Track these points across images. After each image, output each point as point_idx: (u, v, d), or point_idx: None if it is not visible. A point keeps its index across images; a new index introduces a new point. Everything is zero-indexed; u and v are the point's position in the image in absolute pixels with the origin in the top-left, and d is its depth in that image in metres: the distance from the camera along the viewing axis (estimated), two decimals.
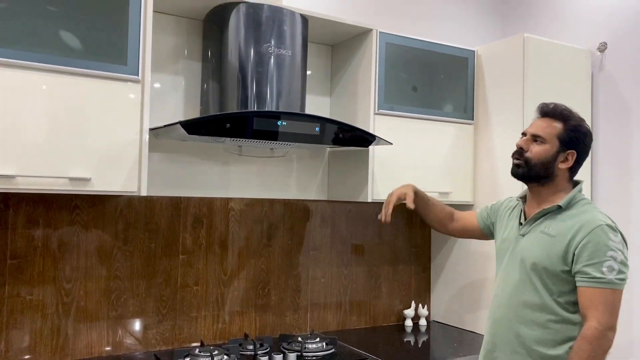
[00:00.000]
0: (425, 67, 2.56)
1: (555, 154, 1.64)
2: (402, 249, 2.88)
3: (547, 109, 1.68)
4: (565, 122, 1.64)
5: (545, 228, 1.63)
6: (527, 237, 1.67)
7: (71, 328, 2.08)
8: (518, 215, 1.76)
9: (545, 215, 1.66)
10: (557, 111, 1.66)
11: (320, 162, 2.64)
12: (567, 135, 1.63)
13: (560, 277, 1.57)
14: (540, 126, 1.66)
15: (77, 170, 1.77)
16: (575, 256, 1.53)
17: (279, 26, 2.12)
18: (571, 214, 1.61)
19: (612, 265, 1.49)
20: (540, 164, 1.64)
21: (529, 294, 1.63)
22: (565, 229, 1.58)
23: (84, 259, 2.11)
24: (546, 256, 1.59)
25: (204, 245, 2.34)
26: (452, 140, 2.61)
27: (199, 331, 2.32)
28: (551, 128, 1.64)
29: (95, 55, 1.80)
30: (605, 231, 1.53)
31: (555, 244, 1.58)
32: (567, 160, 1.65)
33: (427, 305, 2.89)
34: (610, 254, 1.50)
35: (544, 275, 1.59)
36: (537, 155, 1.64)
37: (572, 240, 1.55)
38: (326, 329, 2.63)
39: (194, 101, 2.31)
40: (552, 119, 1.66)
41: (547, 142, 1.64)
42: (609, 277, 1.49)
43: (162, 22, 2.22)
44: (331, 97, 2.66)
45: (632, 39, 2.59)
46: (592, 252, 1.51)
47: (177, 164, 2.30)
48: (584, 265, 1.51)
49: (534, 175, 1.66)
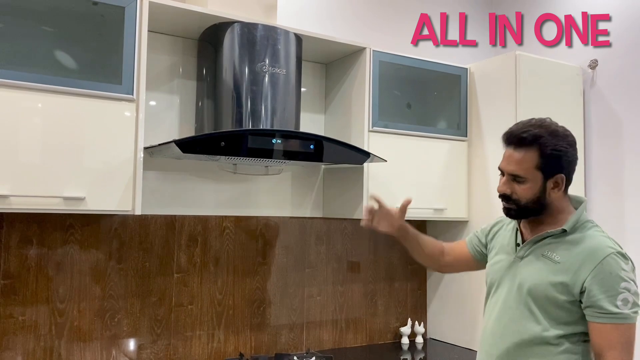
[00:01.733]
0: (419, 84, 2.58)
1: (542, 186, 1.46)
2: (398, 266, 2.87)
3: (515, 139, 1.47)
4: (541, 148, 1.44)
5: (549, 252, 1.47)
6: (527, 261, 1.51)
7: (64, 349, 2.06)
8: (513, 236, 1.59)
9: (547, 239, 1.49)
10: (528, 139, 1.44)
11: (315, 179, 2.65)
12: (547, 162, 1.44)
13: (564, 307, 1.42)
14: (515, 161, 1.46)
15: (72, 190, 1.77)
16: (586, 289, 1.38)
17: (273, 45, 2.14)
18: (576, 238, 1.45)
19: (627, 297, 1.35)
20: (531, 202, 1.48)
21: (527, 325, 1.47)
22: (571, 256, 1.42)
23: (77, 279, 2.09)
24: (548, 283, 1.43)
25: (199, 264, 2.33)
26: (446, 157, 2.62)
27: (193, 351, 2.30)
28: (527, 161, 1.45)
29: (90, 75, 1.82)
30: (617, 260, 1.38)
31: (559, 271, 1.42)
32: (557, 185, 1.47)
33: (423, 322, 2.87)
34: (624, 286, 1.36)
35: (545, 303, 1.44)
36: (524, 196, 1.47)
37: (580, 270, 1.39)
38: (322, 348, 2.61)
39: (189, 120, 2.32)
40: (524, 149, 1.45)
41: (528, 180, 1.46)
42: (625, 311, 1.35)
43: (157, 41, 2.24)
44: (325, 115, 2.68)
45: (623, 55, 2.62)
46: (604, 284, 1.36)
47: (172, 183, 2.30)
48: (597, 299, 1.36)
49: (529, 212, 1.51)
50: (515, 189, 1.48)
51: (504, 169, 1.51)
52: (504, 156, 1.52)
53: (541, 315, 1.45)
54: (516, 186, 1.48)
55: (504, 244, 1.62)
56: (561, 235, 1.48)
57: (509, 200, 1.50)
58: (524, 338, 1.47)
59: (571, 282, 1.40)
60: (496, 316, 1.55)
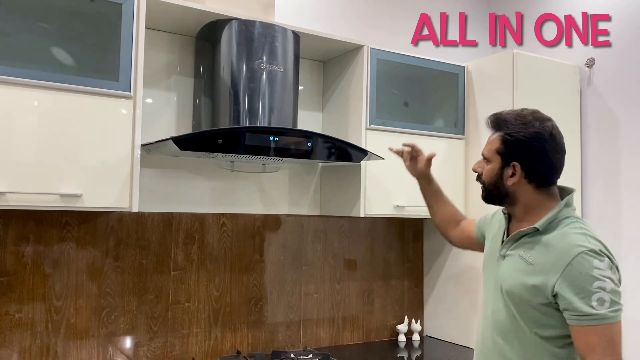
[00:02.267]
0: (416, 82, 2.58)
1: (498, 171, 1.47)
2: (395, 263, 2.88)
3: (488, 122, 1.52)
4: (503, 133, 1.46)
5: (524, 253, 1.44)
6: (506, 261, 1.50)
7: (61, 346, 2.05)
8: (502, 230, 1.58)
9: (523, 238, 1.46)
10: (496, 122, 1.48)
11: (313, 177, 2.65)
12: (504, 147, 1.45)
13: (540, 309, 1.39)
14: (487, 143, 1.52)
15: (68, 187, 1.76)
16: (557, 292, 1.33)
17: (271, 42, 2.14)
18: (550, 237, 1.40)
19: (603, 297, 1.29)
20: (492, 185, 1.50)
21: (508, 324, 1.46)
22: (543, 257, 1.39)
23: (74, 276, 2.09)
24: (521, 286, 1.41)
25: (196, 262, 2.33)
26: (443, 155, 2.62)
27: (190, 348, 2.30)
28: (491, 144, 1.49)
29: (87, 72, 1.81)
30: (587, 259, 1.31)
31: (532, 273, 1.39)
32: (514, 175, 1.45)
33: (420, 320, 2.88)
34: (598, 285, 1.29)
35: (521, 304, 1.42)
36: (486, 176, 1.51)
37: (550, 273, 1.35)
38: (319, 345, 2.61)
39: (186, 117, 2.31)
40: (493, 132, 1.50)
41: (490, 161, 1.49)
42: (601, 311, 1.29)
43: (154, 38, 2.23)
44: (323, 113, 2.68)
45: (619, 54, 2.63)
46: (575, 286, 1.30)
47: (169, 180, 2.29)
48: (571, 302, 1.31)
49: (493, 197, 1.53)
50: (483, 169, 1.54)
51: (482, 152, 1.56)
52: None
53: (519, 316, 1.43)
54: (486, 165, 1.53)
55: (494, 238, 1.62)
56: (536, 234, 1.43)
57: (480, 180, 1.56)
58: (507, 337, 1.46)
59: (542, 285, 1.36)
60: (485, 314, 1.57)
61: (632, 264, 2.52)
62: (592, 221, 2.68)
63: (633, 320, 2.56)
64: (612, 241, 2.56)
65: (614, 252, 1.40)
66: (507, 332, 1.46)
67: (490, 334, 1.52)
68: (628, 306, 2.51)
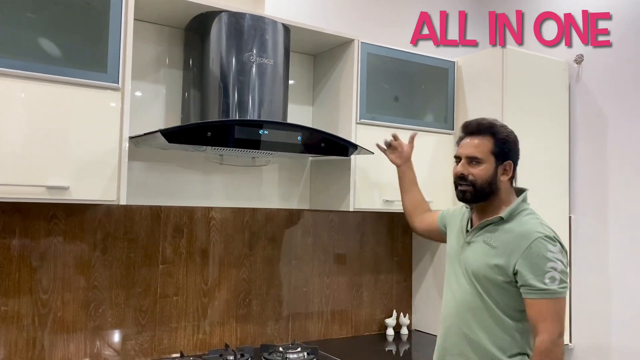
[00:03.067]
0: (407, 77, 2.58)
1: (494, 169, 1.67)
2: (384, 258, 2.89)
3: (473, 128, 1.71)
4: (494, 136, 1.68)
5: (488, 239, 1.67)
6: (471, 246, 1.72)
7: (47, 340, 2.04)
8: (465, 221, 1.80)
9: (488, 226, 1.69)
10: (484, 127, 1.69)
11: (302, 171, 2.64)
12: (500, 148, 1.67)
13: (502, 286, 1.61)
14: (472, 146, 1.69)
15: (55, 179, 1.75)
16: (517, 270, 1.57)
17: (261, 35, 2.13)
18: (512, 226, 1.64)
19: (554, 275, 1.54)
20: (486, 184, 1.67)
21: (475, 301, 1.67)
22: (505, 241, 1.62)
23: (61, 269, 2.07)
24: (486, 266, 1.63)
25: (185, 255, 2.32)
26: (432, 150, 2.63)
27: (178, 342, 2.30)
28: (483, 146, 1.67)
29: (75, 63, 1.79)
30: (543, 243, 1.56)
31: (495, 255, 1.62)
32: (506, 172, 1.69)
33: (408, 314, 2.89)
34: (551, 265, 1.54)
35: (486, 284, 1.64)
36: (479, 177, 1.67)
37: (512, 253, 1.58)
38: (308, 339, 2.61)
39: (175, 110, 2.30)
40: (480, 136, 1.69)
41: (484, 161, 1.67)
42: (552, 287, 1.54)
43: (143, 30, 2.21)
44: (313, 107, 2.67)
45: (607, 51, 2.65)
46: (532, 265, 1.55)
47: (158, 173, 2.28)
48: (528, 279, 1.55)
49: (482, 195, 1.69)
50: (471, 171, 1.68)
51: (461, 154, 1.72)
52: (461, 145, 1.74)
53: (485, 295, 1.64)
54: (472, 169, 1.68)
55: (457, 228, 1.82)
56: (499, 222, 1.67)
57: (465, 182, 1.69)
58: (474, 312, 1.67)
59: (505, 265, 1.59)
60: (451, 294, 1.77)
61: (617, 257, 2.54)
62: (580, 216, 2.70)
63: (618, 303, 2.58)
64: (598, 234, 2.61)
65: (600, 246, 1.70)
66: (473, 309, 1.67)
67: (456, 313, 1.72)
68: (617, 300, 2.54)
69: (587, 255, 2.64)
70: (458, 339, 1.71)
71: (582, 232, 2.69)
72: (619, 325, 2.53)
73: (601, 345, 2.59)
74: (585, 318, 2.64)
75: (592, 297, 2.62)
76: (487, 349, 1.64)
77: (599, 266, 2.60)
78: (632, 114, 2.54)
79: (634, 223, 2.49)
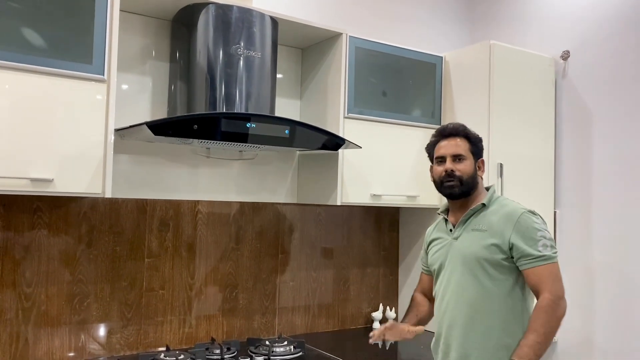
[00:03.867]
0: (394, 72, 2.58)
1: (474, 165, 1.83)
2: (371, 252, 2.89)
3: (451, 130, 1.85)
4: (468, 137, 1.84)
5: (476, 226, 1.78)
6: (462, 238, 1.80)
7: (31, 334, 2.02)
8: (443, 225, 1.90)
9: (472, 216, 1.81)
10: (460, 130, 1.85)
11: (290, 165, 2.64)
12: (474, 147, 1.84)
13: (501, 264, 1.70)
14: (455, 145, 1.82)
15: (39, 171, 1.73)
16: (513, 245, 1.68)
17: (249, 28, 2.11)
18: (494, 209, 1.78)
19: (545, 242, 1.67)
20: (471, 178, 1.80)
21: (473, 288, 1.73)
22: (494, 222, 1.74)
23: (45, 263, 2.05)
24: (484, 248, 1.72)
25: (171, 249, 2.31)
26: (420, 145, 2.62)
27: (164, 336, 2.29)
28: (463, 145, 1.82)
29: (60, 54, 1.76)
30: (529, 216, 1.71)
31: (488, 236, 1.73)
32: (480, 168, 1.86)
33: (394, 307, 2.90)
34: (540, 234, 1.68)
35: (486, 265, 1.71)
36: (465, 172, 1.80)
37: (504, 231, 1.70)
38: (294, 333, 2.62)
39: (162, 102, 2.28)
40: (459, 138, 1.83)
41: (467, 158, 1.81)
42: (546, 253, 1.66)
43: (129, 21, 2.19)
44: (301, 101, 2.66)
45: (593, 47, 2.67)
46: (525, 236, 1.68)
47: (144, 166, 2.26)
48: (524, 249, 1.67)
49: (468, 190, 1.80)
50: (457, 167, 1.80)
51: (445, 154, 1.82)
52: (440, 146, 1.84)
53: (485, 277, 1.71)
54: (457, 165, 1.80)
55: (439, 235, 1.91)
56: (482, 209, 1.80)
57: (454, 177, 1.79)
58: (476, 302, 1.72)
59: (501, 242, 1.70)
60: (446, 290, 1.80)
61: (601, 252, 2.57)
62: (564, 210, 2.73)
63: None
64: (582, 227, 2.63)
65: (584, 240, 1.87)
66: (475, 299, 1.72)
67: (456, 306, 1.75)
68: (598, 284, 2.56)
69: (571, 249, 2.67)
70: (463, 331, 1.73)
71: (567, 226, 2.71)
72: (603, 319, 2.56)
73: (585, 339, 2.62)
74: (570, 312, 2.66)
75: (576, 291, 2.65)
76: (496, 334, 1.69)
77: (583, 261, 2.63)
78: (617, 110, 2.56)
79: (618, 218, 2.52)
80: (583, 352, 2.62)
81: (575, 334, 2.65)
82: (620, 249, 2.51)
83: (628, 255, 2.47)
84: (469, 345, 1.72)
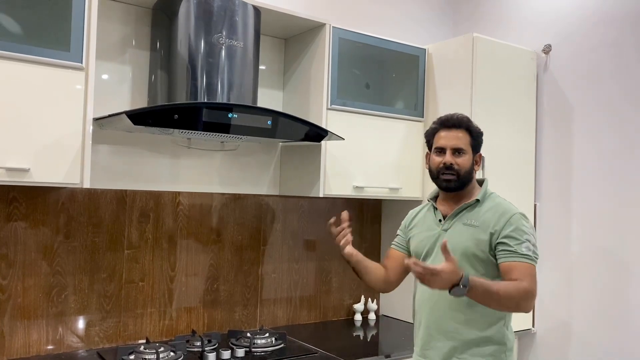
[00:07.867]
0: (378, 63, 2.58)
1: (472, 160, 1.81)
2: (354, 244, 2.88)
3: (455, 121, 1.81)
4: (470, 131, 1.80)
5: (467, 220, 1.77)
6: (451, 231, 1.79)
7: (8, 326, 1.98)
8: (432, 214, 1.87)
9: (465, 210, 1.80)
10: (463, 122, 1.81)
11: (272, 156, 2.62)
12: (475, 141, 1.82)
13: (488, 261, 1.72)
14: (456, 138, 1.79)
15: (15, 160, 1.69)
16: (500, 241, 1.70)
17: (231, 17, 2.09)
18: (488, 206, 1.78)
19: (529, 246, 1.69)
20: (468, 173, 1.79)
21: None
22: (486, 219, 1.74)
23: (22, 254, 2.01)
24: (474, 243, 1.73)
25: (151, 240, 2.28)
26: (402, 137, 2.64)
27: (144, 328, 2.26)
28: (465, 139, 1.80)
29: (36, 40, 1.72)
30: (520, 218, 1.73)
31: (480, 233, 1.73)
32: (477, 163, 1.84)
33: (376, 299, 2.91)
34: (526, 237, 1.70)
35: (474, 260, 1.73)
36: (464, 166, 1.78)
37: (495, 227, 1.72)
38: (276, 325, 2.61)
39: (142, 92, 2.24)
40: (461, 130, 1.80)
41: (466, 152, 1.79)
42: (529, 254, 1.69)
43: (108, 8, 2.14)
44: (284, 92, 2.64)
45: (574, 42, 2.69)
46: (513, 235, 1.70)
47: (123, 156, 2.23)
48: (510, 246, 1.69)
49: (463, 184, 1.80)
50: (457, 160, 1.78)
51: (446, 146, 1.79)
52: (441, 136, 1.80)
53: (471, 271, 1.70)
54: (457, 159, 1.78)
55: (425, 223, 1.89)
56: (475, 205, 1.79)
57: (452, 170, 1.77)
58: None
59: (489, 239, 1.72)
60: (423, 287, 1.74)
61: (580, 244, 2.61)
62: (544, 203, 2.76)
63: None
64: (562, 221, 2.66)
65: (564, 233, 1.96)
66: None
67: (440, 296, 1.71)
68: (575, 278, 2.60)
69: (551, 242, 2.70)
70: (442, 322, 1.75)
71: (547, 219, 2.74)
72: (580, 310, 2.60)
73: (563, 329, 2.66)
74: (548, 303, 2.71)
75: (555, 282, 2.68)
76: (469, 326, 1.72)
77: (562, 253, 2.66)
78: (597, 104, 2.59)
79: (597, 211, 2.56)
80: (562, 341, 2.66)
81: (553, 324, 2.69)
82: (599, 241, 2.54)
83: (606, 247, 2.51)
84: (451, 336, 1.74)
